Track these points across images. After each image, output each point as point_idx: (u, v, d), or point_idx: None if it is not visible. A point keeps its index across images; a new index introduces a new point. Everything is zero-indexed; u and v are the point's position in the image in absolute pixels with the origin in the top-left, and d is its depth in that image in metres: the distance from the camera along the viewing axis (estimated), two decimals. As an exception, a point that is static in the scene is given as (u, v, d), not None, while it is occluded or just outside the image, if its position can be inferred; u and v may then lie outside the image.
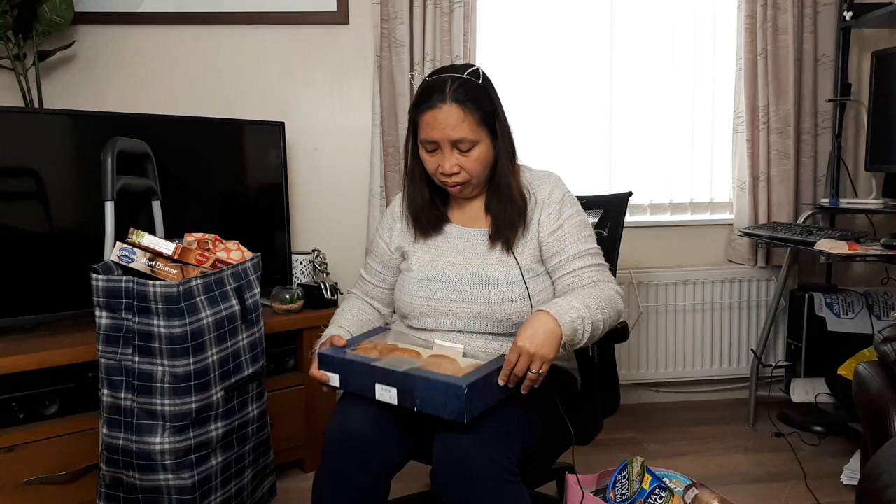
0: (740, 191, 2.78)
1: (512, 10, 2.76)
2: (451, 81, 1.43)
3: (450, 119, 1.41)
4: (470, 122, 1.42)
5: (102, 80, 2.58)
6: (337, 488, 1.38)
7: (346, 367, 1.38)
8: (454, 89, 1.42)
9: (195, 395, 1.61)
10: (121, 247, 1.64)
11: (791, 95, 2.68)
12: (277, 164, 2.48)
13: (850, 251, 2.15)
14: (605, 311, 1.38)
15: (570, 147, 2.80)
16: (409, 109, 1.52)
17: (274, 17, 2.63)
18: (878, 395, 1.63)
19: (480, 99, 1.44)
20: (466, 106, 1.42)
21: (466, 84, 1.44)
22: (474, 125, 1.43)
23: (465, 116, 1.42)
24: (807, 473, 2.24)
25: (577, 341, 1.33)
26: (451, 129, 1.42)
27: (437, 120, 1.42)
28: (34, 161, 2.00)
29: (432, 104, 1.43)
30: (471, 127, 1.43)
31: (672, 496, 1.55)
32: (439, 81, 1.44)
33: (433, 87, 1.44)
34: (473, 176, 1.47)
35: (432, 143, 1.45)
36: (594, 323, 1.34)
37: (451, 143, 1.43)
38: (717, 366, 2.88)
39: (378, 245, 1.66)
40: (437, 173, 1.48)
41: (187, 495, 1.61)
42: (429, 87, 1.46)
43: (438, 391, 1.24)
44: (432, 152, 1.47)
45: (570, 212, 1.53)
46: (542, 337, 1.27)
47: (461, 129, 1.42)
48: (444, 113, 1.41)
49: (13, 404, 1.84)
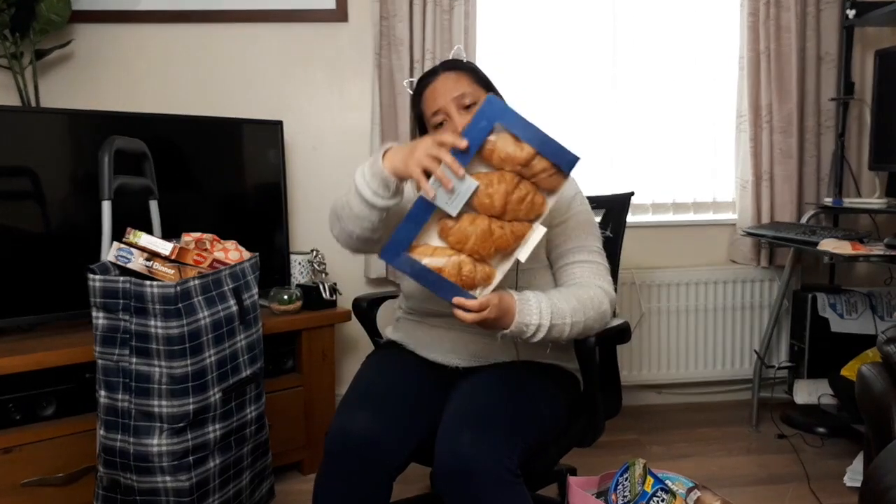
0: (743, 190, 2.77)
1: (512, 8, 2.74)
2: (443, 61, 1.59)
3: (447, 83, 1.50)
4: (467, 80, 1.51)
5: (100, 78, 2.57)
6: (338, 490, 1.37)
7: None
8: (444, 65, 1.55)
9: (193, 397, 1.59)
10: (118, 247, 1.63)
11: (794, 94, 2.67)
12: (276, 163, 2.46)
13: (853, 251, 2.14)
14: (577, 314, 1.38)
15: (571, 147, 2.77)
16: (411, 105, 1.60)
17: (272, 15, 2.61)
18: (881, 396, 1.62)
19: (471, 67, 1.56)
20: (459, 70, 1.53)
21: (454, 60, 1.57)
22: (472, 83, 1.51)
23: (460, 76, 1.51)
24: (810, 475, 2.23)
25: (518, 340, 1.40)
26: (451, 90, 1.49)
27: (436, 89, 1.50)
28: (31, 160, 1.99)
29: (428, 80, 1.53)
30: (469, 83, 1.51)
31: (674, 498, 1.53)
32: (433, 67, 1.59)
33: (426, 73, 1.58)
34: None
35: (438, 111, 1.49)
36: (553, 329, 1.36)
37: (456, 103, 1.48)
38: (720, 367, 2.87)
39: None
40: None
41: (185, 497, 1.60)
42: (424, 74, 1.59)
43: None
44: (442, 123, 1.49)
45: (578, 208, 1.55)
46: (500, 320, 1.31)
47: (461, 86, 1.49)
48: (441, 80, 1.51)
49: (10, 405, 1.83)
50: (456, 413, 1.38)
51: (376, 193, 1.32)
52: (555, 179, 1.33)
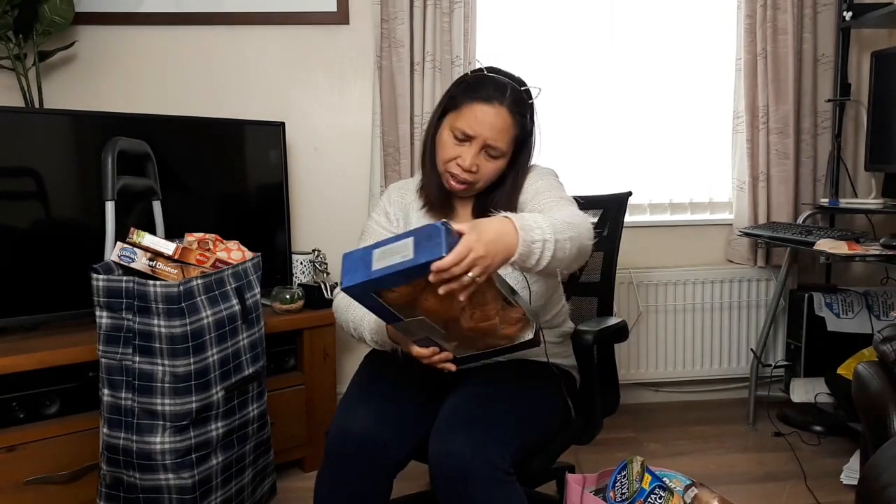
0: (740, 191, 2.78)
1: (512, 11, 2.76)
2: (511, 88, 1.44)
3: (498, 122, 1.42)
4: (510, 135, 1.44)
5: (103, 80, 2.58)
6: (339, 488, 1.39)
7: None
8: (512, 97, 1.43)
9: (195, 395, 1.61)
10: (121, 247, 1.64)
11: (791, 95, 2.68)
12: (278, 164, 2.48)
13: (849, 251, 2.15)
14: (570, 228, 1.25)
15: (569, 147, 2.80)
16: (454, 91, 1.48)
17: (274, 18, 2.63)
18: (877, 395, 1.64)
19: (526, 117, 1.47)
20: (516, 118, 1.44)
21: (522, 98, 1.46)
22: (511, 139, 1.45)
23: (510, 126, 1.44)
24: (806, 473, 2.25)
25: (527, 266, 1.20)
26: (494, 132, 1.42)
27: (486, 116, 1.42)
28: (35, 161, 2.00)
29: (488, 99, 1.42)
30: (509, 139, 1.44)
31: (672, 496, 1.55)
32: (499, 82, 1.45)
33: (492, 83, 1.44)
34: (482, 181, 1.48)
35: (467, 136, 1.43)
36: (557, 245, 1.20)
37: (484, 144, 1.43)
38: (717, 365, 2.88)
39: (371, 228, 1.63)
40: (451, 163, 1.46)
41: (188, 495, 1.62)
42: (487, 81, 1.45)
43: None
44: (461, 142, 1.44)
45: (546, 182, 1.51)
46: (496, 244, 1.13)
47: (501, 138, 1.43)
48: (496, 114, 1.42)
49: (14, 404, 1.84)
50: (449, 413, 1.38)
51: (382, 346, 1.45)
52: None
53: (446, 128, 1.47)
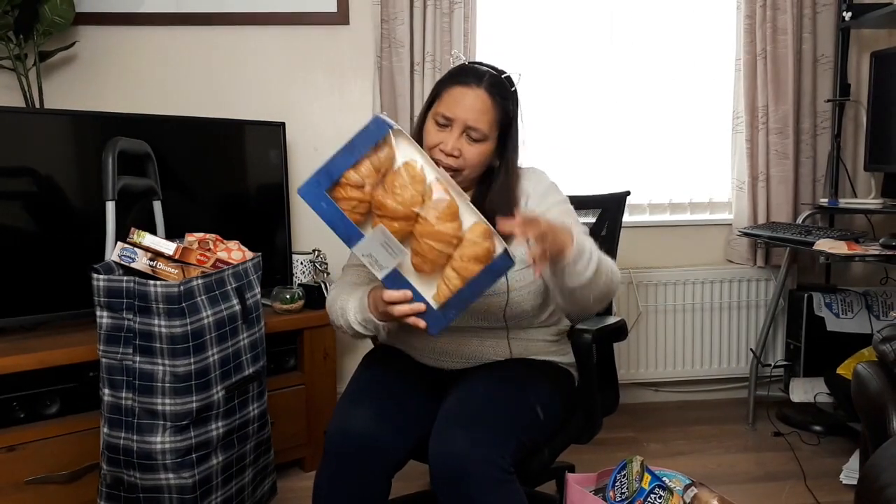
0: (739, 191, 2.79)
1: (512, 11, 2.76)
2: (489, 74, 1.47)
3: (476, 103, 1.43)
4: (490, 116, 1.44)
5: (103, 80, 2.58)
6: (338, 488, 1.39)
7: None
8: (490, 81, 1.46)
9: (196, 395, 1.61)
10: (122, 247, 1.64)
11: (790, 96, 2.69)
12: (278, 164, 2.48)
13: (849, 251, 2.16)
14: (604, 262, 1.36)
15: (569, 147, 2.80)
16: (437, 83, 1.52)
17: (274, 18, 2.63)
18: (877, 395, 1.64)
19: (507, 100, 1.48)
20: (495, 99, 1.45)
21: (502, 83, 1.48)
22: (492, 121, 1.45)
23: (489, 108, 1.44)
24: (806, 473, 2.25)
25: (577, 266, 1.29)
26: (472, 113, 1.43)
27: (464, 98, 1.44)
28: (35, 161, 2.00)
29: (465, 82, 1.45)
30: (489, 121, 1.45)
31: (671, 495, 1.55)
32: (478, 70, 1.48)
33: (471, 71, 1.48)
34: (467, 167, 1.46)
35: (447, 119, 1.45)
36: (600, 264, 1.33)
37: (465, 127, 1.44)
38: (717, 365, 2.88)
39: None
40: (435, 149, 1.46)
41: (188, 494, 1.62)
42: (466, 69, 1.49)
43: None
44: (442, 127, 1.45)
45: (554, 199, 1.53)
46: (559, 236, 1.25)
47: (481, 119, 1.44)
48: (473, 95, 1.44)
49: (14, 404, 1.84)
50: (448, 412, 1.38)
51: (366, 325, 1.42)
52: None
53: (430, 118, 1.49)
